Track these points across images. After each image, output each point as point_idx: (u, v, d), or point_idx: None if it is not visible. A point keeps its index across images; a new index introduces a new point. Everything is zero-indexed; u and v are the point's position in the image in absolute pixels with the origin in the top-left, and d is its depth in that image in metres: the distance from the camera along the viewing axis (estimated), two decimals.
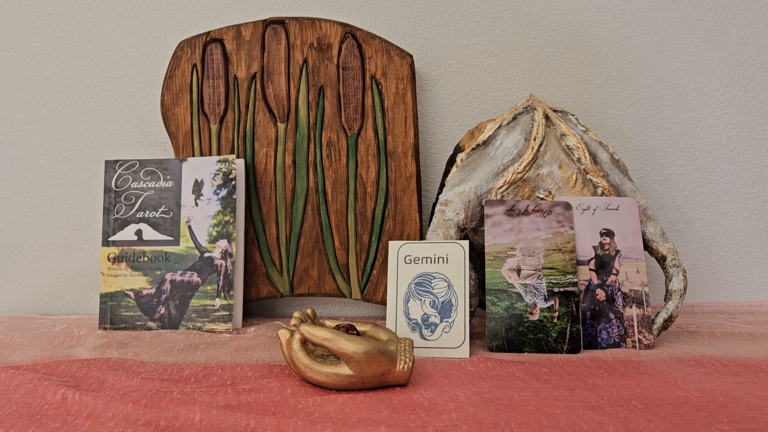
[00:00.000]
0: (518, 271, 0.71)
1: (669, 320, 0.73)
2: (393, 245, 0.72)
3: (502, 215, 0.73)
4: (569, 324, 0.69)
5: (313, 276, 0.89)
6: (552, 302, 0.70)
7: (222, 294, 0.82)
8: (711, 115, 0.96)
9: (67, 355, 0.69)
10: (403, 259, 0.71)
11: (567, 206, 0.73)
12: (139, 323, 0.82)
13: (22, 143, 0.94)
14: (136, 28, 0.94)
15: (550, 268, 0.71)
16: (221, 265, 0.82)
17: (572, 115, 0.81)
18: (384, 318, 0.92)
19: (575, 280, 0.71)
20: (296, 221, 0.89)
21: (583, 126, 0.80)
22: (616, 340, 0.70)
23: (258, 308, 0.95)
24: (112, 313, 0.82)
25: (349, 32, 0.89)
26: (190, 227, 0.84)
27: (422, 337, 0.68)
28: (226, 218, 0.83)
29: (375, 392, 0.55)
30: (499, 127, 0.79)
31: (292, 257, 0.89)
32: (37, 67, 0.94)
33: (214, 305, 0.81)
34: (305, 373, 0.56)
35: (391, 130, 0.89)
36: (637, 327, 0.71)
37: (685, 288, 0.74)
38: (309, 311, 0.64)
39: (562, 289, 0.70)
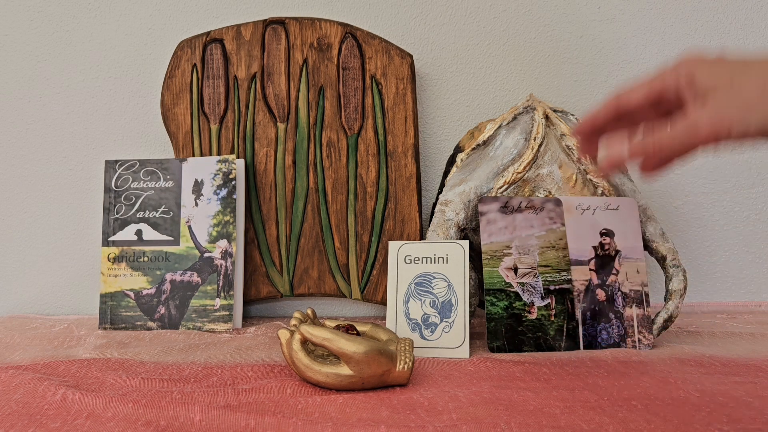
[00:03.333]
0: (515, 269, 0.71)
1: (669, 320, 0.73)
2: (393, 245, 0.72)
3: (497, 212, 0.73)
4: (566, 321, 0.69)
5: (313, 276, 0.89)
6: (548, 300, 0.70)
7: (222, 294, 0.82)
8: None
9: (67, 355, 0.69)
10: (403, 259, 0.71)
11: (558, 202, 0.73)
12: (139, 323, 0.82)
13: (22, 143, 0.94)
14: (136, 28, 0.94)
15: (545, 266, 0.71)
16: (221, 265, 0.82)
17: (572, 115, 0.81)
18: (384, 318, 0.92)
19: (569, 277, 0.71)
20: (296, 221, 0.89)
21: None
22: (616, 340, 0.70)
23: (258, 308, 0.95)
24: (112, 313, 0.82)
25: (349, 32, 0.89)
26: (190, 227, 0.84)
27: (422, 337, 0.68)
28: (226, 218, 0.83)
29: (375, 392, 0.55)
30: (499, 127, 0.79)
31: (292, 257, 0.89)
32: (37, 67, 0.94)
33: (214, 305, 0.81)
34: (305, 373, 0.56)
35: (391, 130, 0.89)
36: (637, 327, 0.71)
37: (685, 288, 0.74)
38: (309, 311, 0.64)
39: (557, 287, 0.70)
